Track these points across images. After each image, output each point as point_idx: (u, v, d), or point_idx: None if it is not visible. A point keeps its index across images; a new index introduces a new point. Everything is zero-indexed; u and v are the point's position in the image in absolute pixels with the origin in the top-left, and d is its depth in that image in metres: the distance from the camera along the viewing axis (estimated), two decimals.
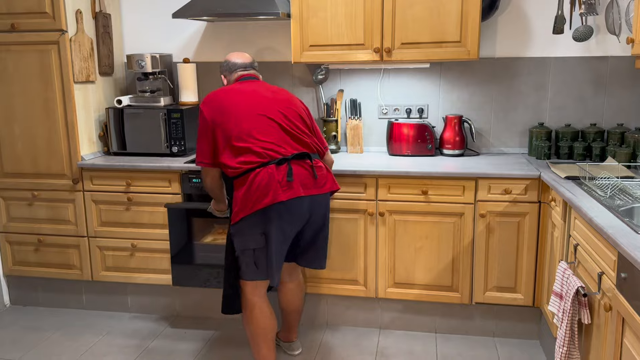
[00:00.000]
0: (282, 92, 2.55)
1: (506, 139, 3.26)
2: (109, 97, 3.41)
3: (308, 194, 2.37)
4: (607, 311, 1.80)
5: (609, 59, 3.07)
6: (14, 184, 3.25)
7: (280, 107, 2.45)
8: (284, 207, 2.32)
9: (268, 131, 2.37)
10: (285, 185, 2.31)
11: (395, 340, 2.97)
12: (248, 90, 2.48)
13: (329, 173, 2.51)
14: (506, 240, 2.80)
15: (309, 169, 2.39)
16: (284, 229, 2.36)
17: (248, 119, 2.37)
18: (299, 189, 2.34)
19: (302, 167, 2.38)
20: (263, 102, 2.43)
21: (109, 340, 3.03)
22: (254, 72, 2.62)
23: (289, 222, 2.37)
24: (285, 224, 2.36)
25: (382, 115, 3.36)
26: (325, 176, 2.46)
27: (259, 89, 2.50)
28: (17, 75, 3.11)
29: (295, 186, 2.33)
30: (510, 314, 2.95)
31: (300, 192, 2.34)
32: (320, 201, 2.45)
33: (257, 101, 2.43)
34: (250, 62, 2.64)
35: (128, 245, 3.17)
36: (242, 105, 2.41)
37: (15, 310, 3.41)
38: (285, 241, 2.41)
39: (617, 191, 2.23)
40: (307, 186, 2.37)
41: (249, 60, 2.64)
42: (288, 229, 2.39)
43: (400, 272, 2.93)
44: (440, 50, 2.91)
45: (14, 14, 3.03)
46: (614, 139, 2.94)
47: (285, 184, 2.31)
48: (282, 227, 2.36)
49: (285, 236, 2.39)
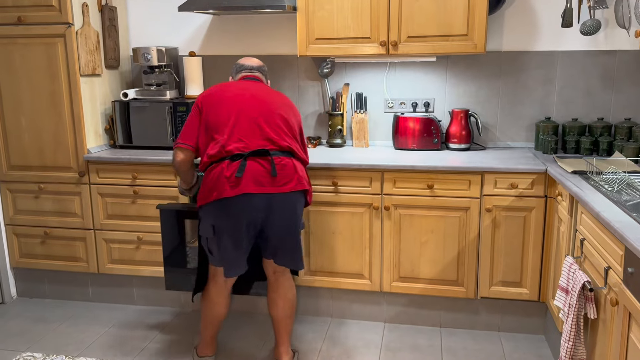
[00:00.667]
0: (278, 96, 2.54)
1: (513, 133, 3.25)
2: (115, 90, 3.42)
3: (261, 192, 2.32)
4: (613, 306, 1.80)
5: (617, 52, 3.05)
6: (20, 177, 3.27)
7: (268, 108, 2.43)
8: (230, 203, 2.32)
9: (242, 127, 2.37)
10: (233, 181, 2.30)
11: (400, 334, 2.97)
12: (242, 87, 2.50)
13: (297, 173, 2.41)
14: (512, 234, 2.80)
15: (267, 166, 2.34)
16: (233, 224, 2.35)
17: (230, 113, 2.39)
18: (249, 185, 2.30)
19: (259, 164, 2.34)
20: (251, 100, 2.43)
21: (114, 332, 3.05)
22: (257, 75, 2.63)
23: (237, 218, 2.34)
24: (233, 220, 2.35)
25: (387, 109, 3.35)
26: (289, 175, 2.38)
27: (254, 88, 2.50)
28: (24, 68, 3.12)
29: (244, 183, 2.30)
30: (515, 309, 2.94)
31: (250, 189, 2.30)
32: (281, 200, 2.38)
33: (245, 98, 2.43)
34: (257, 66, 2.65)
35: (134, 238, 3.19)
36: (230, 99, 2.43)
37: (22, 302, 3.43)
38: (239, 237, 2.38)
39: (624, 186, 2.21)
40: (261, 183, 2.33)
41: (256, 64, 2.65)
42: (239, 225, 2.35)
43: (406, 266, 2.93)
44: (446, 43, 2.89)
45: (21, 7, 3.03)
46: (622, 133, 2.92)
47: (233, 180, 2.30)
48: (231, 222, 2.35)
49: (236, 231, 2.37)
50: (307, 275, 3.05)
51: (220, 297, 2.58)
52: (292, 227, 2.47)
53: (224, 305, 2.60)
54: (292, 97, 3.42)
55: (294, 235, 2.49)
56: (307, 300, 3.16)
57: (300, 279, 3.05)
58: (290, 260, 2.54)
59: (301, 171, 2.46)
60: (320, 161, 2.89)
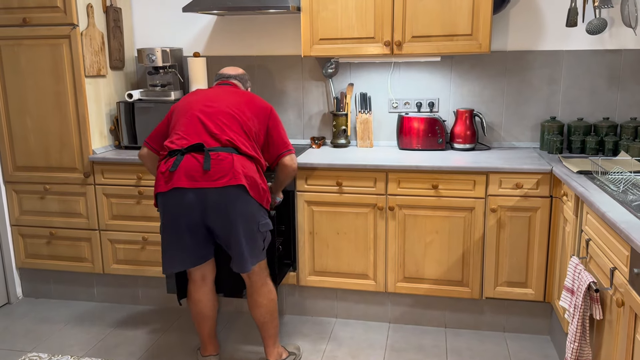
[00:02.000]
0: (241, 96, 2.51)
1: (518, 133, 3.24)
2: (119, 91, 3.43)
3: (193, 186, 2.28)
4: (619, 307, 1.79)
5: (623, 52, 3.03)
6: (26, 178, 3.28)
7: (217, 106, 2.43)
8: (165, 198, 2.34)
9: (186, 125, 2.40)
10: (167, 176, 2.32)
11: (405, 335, 2.97)
12: (207, 91, 2.55)
13: (234, 169, 2.29)
14: (517, 235, 2.79)
15: (201, 160, 2.30)
16: (171, 219, 2.35)
17: (184, 113, 2.44)
18: (181, 180, 2.29)
19: (195, 159, 2.30)
20: (203, 100, 2.47)
21: (119, 332, 3.06)
22: (233, 82, 2.66)
23: (175, 213, 2.34)
24: (170, 215, 2.35)
25: (392, 109, 3.35)
26: (224, 170, 2.28)
27: (217, 91, 2.54)
28: (29, 69, 3.13)
29: (177, 177, 2.29)
30: (520, 309, 2.93)
31: (182, 184, 2.28)
32: (217, 195, 2.28)
33: (199, 99, 2.48)
34: (235, 74, 2.69)
35: (139, 239, 3.19)
36: (190, 102, 2.49)
37: (27, 302, 3.45)
38: (179, 233, 2.36)
39: (630, 186, 2.20)
40: (194, 178, 2.28)
41: (234, 73, 2.70)
42: (177, 220, 2.34)
43: (410, 266, 2.92)
44: (451, 43, 2.88)
45: (26, 8, 3.04)
46: (627, 133, 2.90)
47: (167, 175, 2.32)
48: (169, 217, 2.36)
49: (175, 227, 2.35)
50: (311, 275, 3.05)
51: (200, 294, 2.55)
52: (233, 226, 2.32)
53: (205, 303, 2.57)
54: (296, 97, 3.42)
55: (236, 235, 2.34)
56: (311, 300, 3.16)
57: (305, 279, 3.05)
58: (238, 263, 2.38)
59: (241, 167, 2.32)
60: (325, 161, 2.89)
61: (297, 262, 3.05)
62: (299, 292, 3.17)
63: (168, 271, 2.47)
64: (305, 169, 2.91)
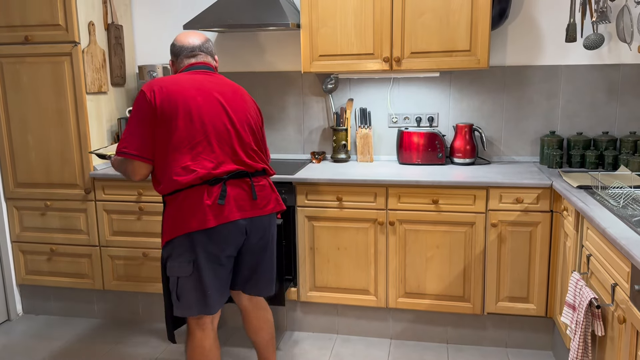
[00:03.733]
0: (239, 91, 2.26)
1: (517, 147, 3.24)
2: (120, 108, 3.44)
3: (244, 217, 2.14)
4: (620, 323, 1.78)
5: (621, 66, 3.05)
6: (27, 194, 3.29)
7: (239, 113, 2.18)
8: (214, 233, 2.09)
9: (214, 143, 2.10)
10: (217, 209, 2.08)
11: (407, 351, 2.95)
12: (203, 85, 2.15)
13: (273, 192, 2.28)
14: (518, 249, 2.78)
15: (247, 189, 2.16)
16: (216, 255, 2.13)
17: (193, 123, 2.07)
18: (233, 211, 2.11)
19: (240, 187, 2.14)
20: (212, 106, 2.12)
21: (119, 349, 3.04)
22: (205, 61, 2.25)
23: (221, 249, 2.13)
24: (216, 250, 2.12)
25: (392, 124, 3.36)
26: (267, 197, 2.23)
27: (212, 87, 2.17)
28: (31, 86, 3.15)
29: (228, 209, 2.09)
30: (522, 325, 2.92)
31: (235, 216, 2.11)
32: (260, 223, 2.21)
33: (213, 103, 2.13)
34: (199, 45, 2.24)
35: (139, 255, 3.19)
36: (195, 103, 2.09)
37: (27, 319, 3.44)
38: (220, 268, 2.17)
39: (630, 201, 2.20)
40: (243, 208, 2.14)
41: (199, 41, 2.24)
42: (222, 255, 2.14)
43: (411, 281, 2.91)
44: (450, 59, 2.90)
45: (28, 26, 3.07)
46: (627, 147, 2.91)
47: (215, 208, 2.07)
48: (214, 253, 2.12)
49: (219, 262, 2.15)
50: (312, 291, 3.04)
51: (211, 341, 2.24)
52: (269, 248, 2.30)
53: (215, 353, 2.26)
54: (296, 113, 3.44)
55: (270, 258, 2.31)
56: (312, 316, 3.15)
57: (305, 295, 3.04)
58: (263, 286, 2.32)
59: (275, 189, 2.30)
60: (325, 176, 2.89)
61: (297, 278, 3.04)
62: (299, 308, 3.16)
63: (217, 310, 2.19)
64: (306, 184, 2.92)
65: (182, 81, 2.14)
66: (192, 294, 2.14)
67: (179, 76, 2.19)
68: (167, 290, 2.25)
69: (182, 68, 2.25)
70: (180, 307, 2.18)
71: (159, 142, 2.08)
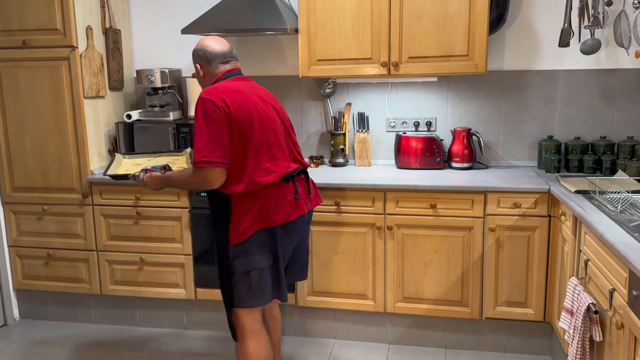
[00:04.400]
0: (273, 96, 2.41)
1: (515, 152, 3.24)
2: (118, 112, 3.44)
3: (309, 209, 2.38)
4: (618, 329, 1.78)
5: (618, 71, 3.05)
6: (24, 199, 3.28)
7: (284, 116, 2.37)
8: (292, 226, 2.28)
9: (278, 144, 2.25)
10: (295, 203, 2.26)
11: (405, 356, 2.94)
12: (255, 92, 2.27)
13: (316, 187, 2.50)
14: (516, 254, 2.78)
15: (305, 184, 2.36)
16: (288, 246, 2.33)
17: (265, 127, 2.20)
18: (303, 205, 2.32)
19: (301, 183, 2.33)
20: (270, 110, 2.27)
21: (116, 354, 3.03)
22: (239, 67, 2.38)
23: (293, 239, 2.33)
24: (289, 242, 2.32)
25: (390, 128, 3.36)
26: (315, 190, 2.46)
27: (260, 90, 2.32)
28: (28, 91, 3.15)
29: (301, 204, 2.31)
30: (521, 329, 2.91)
31: (305, 209, 2.33)
32: (310, 215, 2.44)
33: (269, 108, 2.27)
34: (229, 51, 2.35)
35: (137, 259, 3.18)
36: (262, 109, 2.22)
37: (24, 324, 3.42)
38: (288, 257, 2.39)
39: (628, 205, 2.20)
40: (306, 201, 2.36)
41: (227, 48, 2.35)
42: (292, 245, 2.36)
43: (409, 286, 2.91)
44: (447, 64, 2.90)
45: (26, 30, 3.07)
46: (625, 152, 2.91)
47: (294, 202, 2.26)
48: (287, 245, 2.32)
49: (288, 253, 2.37)
50: (310, 296, 3.03)
51: (267, 336, 2.36)
52: (307, 237, 2.49)
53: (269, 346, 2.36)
54: (294, 117, 3.44)
55: (307, 245, 2.52)
56: (310, 321, 3.14)
57: (304, 299, 3.04)
58: (302, 271, 2.50)
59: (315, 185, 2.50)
60: (323, 181, 2.89)
61: (295, 282, 3.03)
62: (298, 313, 3.15)
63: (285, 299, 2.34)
64: None
65: (240, 89, 2.22)
66: (268, 284, 2.25)
67: (231, 83, 2.24)
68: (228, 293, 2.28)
69: (221, 74, 2.30)
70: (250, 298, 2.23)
71: (235, 147, 2.15)
